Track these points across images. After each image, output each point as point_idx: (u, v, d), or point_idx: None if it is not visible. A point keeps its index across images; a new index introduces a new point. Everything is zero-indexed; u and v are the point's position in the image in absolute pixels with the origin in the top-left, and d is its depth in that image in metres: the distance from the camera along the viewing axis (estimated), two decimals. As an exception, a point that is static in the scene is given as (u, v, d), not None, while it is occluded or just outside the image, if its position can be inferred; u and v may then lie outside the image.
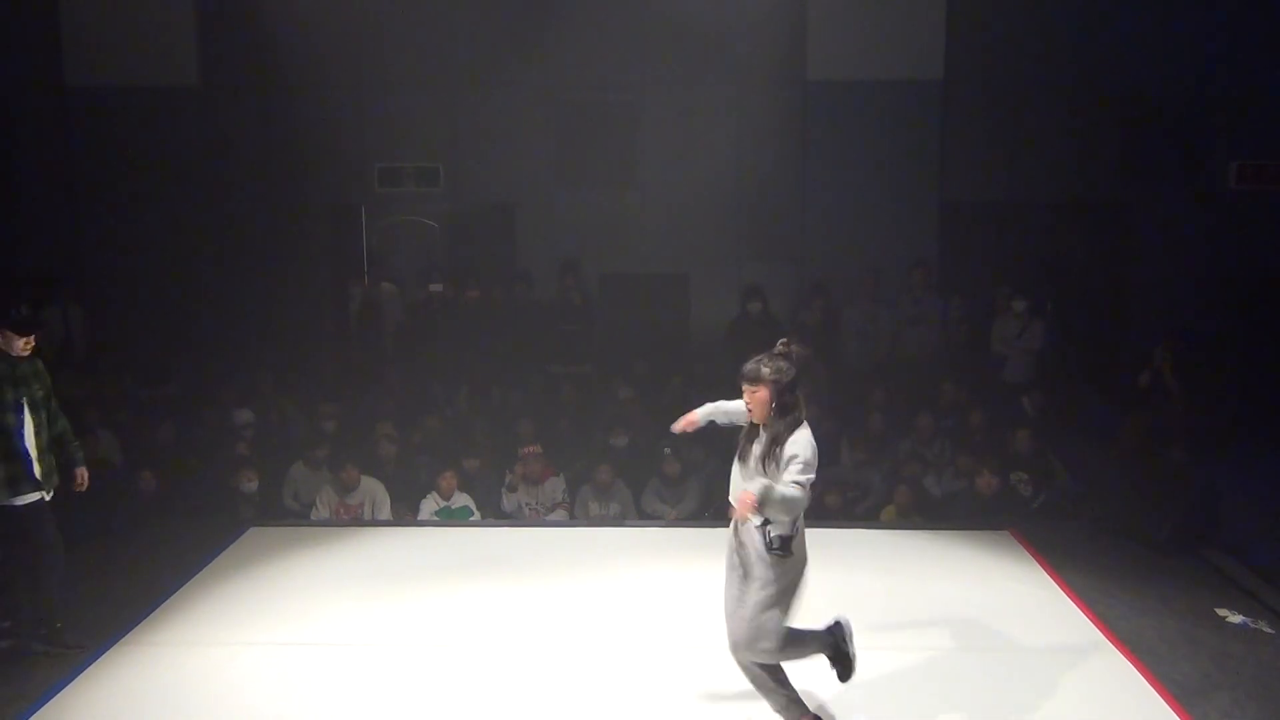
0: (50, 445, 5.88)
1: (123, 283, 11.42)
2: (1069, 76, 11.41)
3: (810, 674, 5.50)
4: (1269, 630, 6.14)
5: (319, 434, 9.19)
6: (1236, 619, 6.27)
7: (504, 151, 11.87)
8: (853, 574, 6.89)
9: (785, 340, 4.82)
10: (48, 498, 5.84)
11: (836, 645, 4.95)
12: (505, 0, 11.59)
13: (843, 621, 5.00)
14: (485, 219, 12.37)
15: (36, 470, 5.72)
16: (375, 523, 8.18)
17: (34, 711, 5.22)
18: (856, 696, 5.31)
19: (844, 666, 4.97)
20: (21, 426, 5.71)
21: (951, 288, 11.02)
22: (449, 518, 8.24)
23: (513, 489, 8.63)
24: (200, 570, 6.98)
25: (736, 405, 4.92)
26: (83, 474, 6.08)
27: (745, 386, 4.70)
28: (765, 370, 4.65)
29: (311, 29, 11.14)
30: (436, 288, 10.93)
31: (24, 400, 5.72)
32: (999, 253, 11.39)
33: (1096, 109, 11.47)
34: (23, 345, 5.72)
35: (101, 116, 11.49)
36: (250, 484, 8.49)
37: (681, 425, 5.16)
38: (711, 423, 5.16)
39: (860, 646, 5.80)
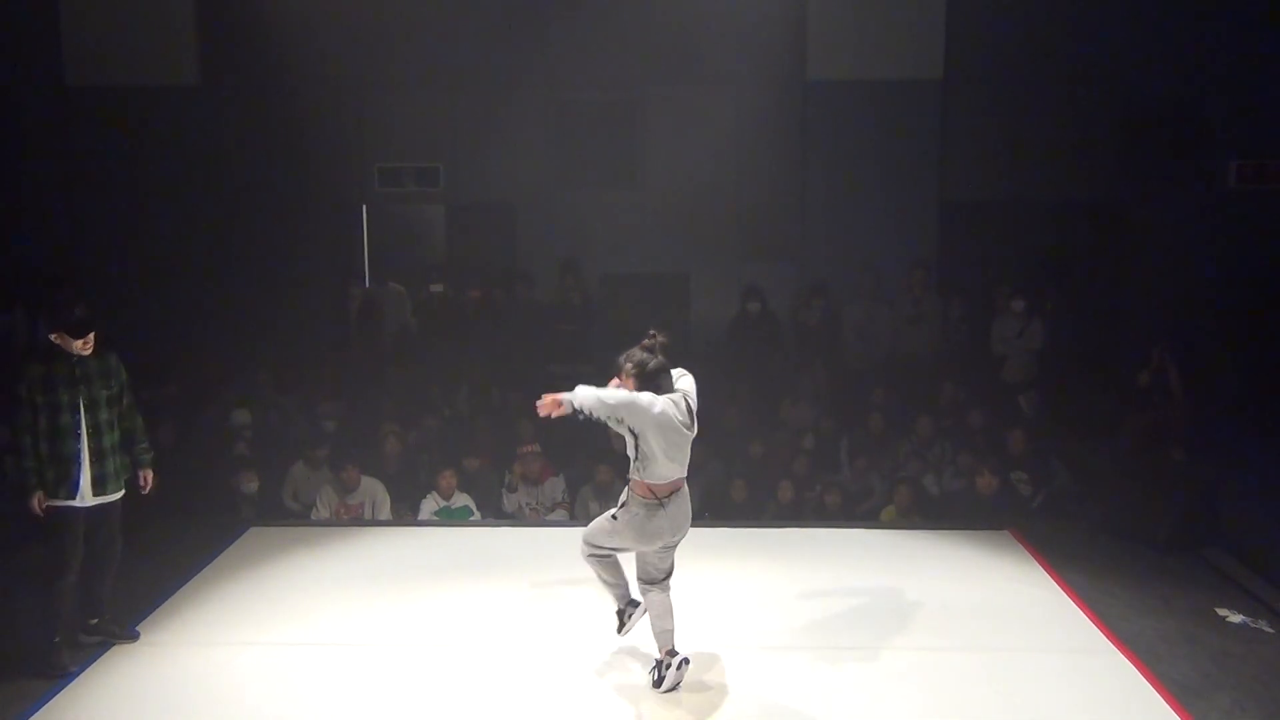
0: (115, 447, 5.82)
1: (123, 283, 11.41)
2: (1069, 76, 11.41)
3: (810, 675, 5.52)
4: (1269, 630, 6.14)
5: (319, 434, 9.19)
6: (1236, 619, 6.28)
7: (504, 151, 11.86)
8: (853, 574, 6.90)
9: (653, 333, 5.46)
10: (113, 498, 5.82)
11: (623, 611, 5.62)
12: (505, 1, 11.59)
13: (638, 604, 5.57)
14: (485, 219, 12.37)
15: (85, 476, 5.67)
16: (375, 523, 8.18)
17: (34, 711, 5.22)
18: (857, 696, 5.31)
19: (620, 624, 5.64)
20: (78, 428, 5.66)
21: (951, 288, 11.02)
22: (449, 518, 8.24)
23: (513, 489, 8.63)
24: (200, 570, 6.98)
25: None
26: (146, 476, 6.02)
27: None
28: (628, 365, 5.33)
29: (312, 29, 11.13)
30: (437, 288, 10.92)
31: (80, 401, 5.65)
32: (999, 253, 11.38)
33: (1096, 109, 11.47)
34: (80, 346, 5.64)
35: (102, 116, 11.48)
36: (250, 484, 8.49)
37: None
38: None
39: (860, 646, 5.84)
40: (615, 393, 5.23)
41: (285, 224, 11.94)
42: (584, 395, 5.20)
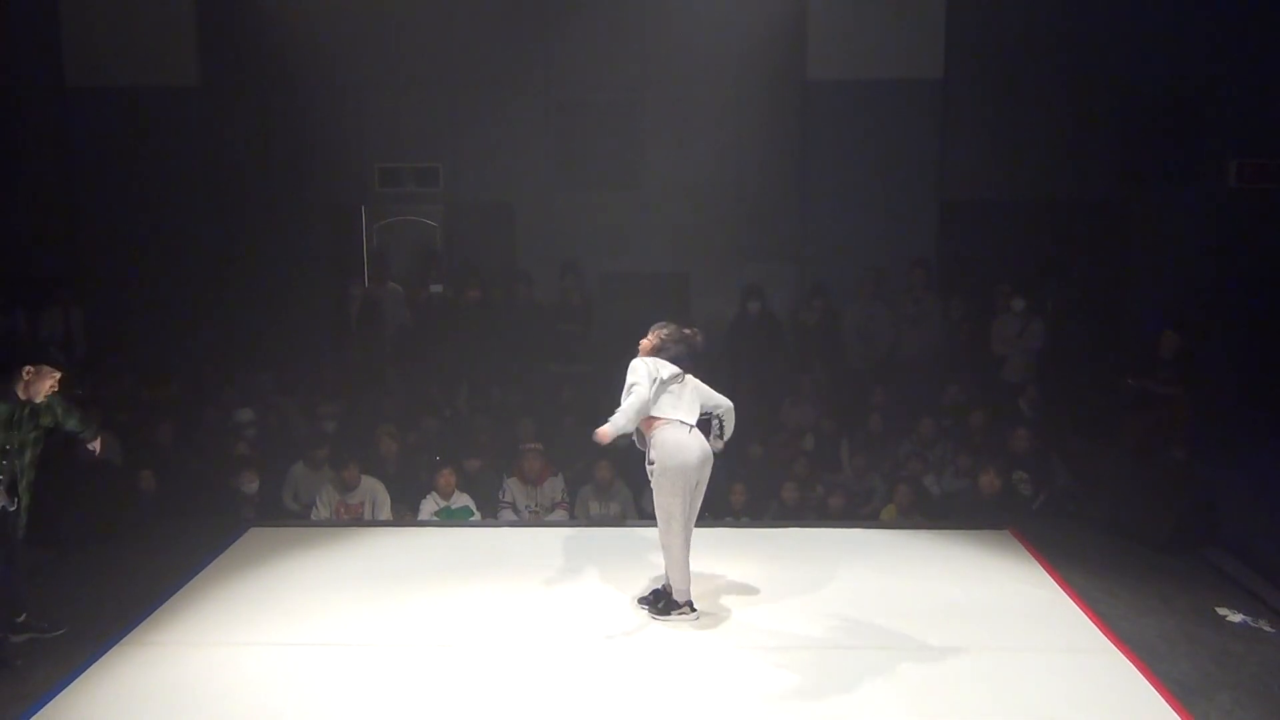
0: (27, 487, 5.75)
1: (123, 283, 11.42)
2: (1069, 76, 11.41)
3: (811, 675, 5.52)
4: (1269, 629, 6.14)
5: (319, 434, 9.19)
6: (1237, 618, 6.27)
7: (504, 151, 11.86)
8: (853, 574, 6.89)
9: (695, 330, 6.31)
10: (11, 508, 5.75)
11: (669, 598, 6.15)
12: (506, 1, 11.59)
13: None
14: (485, 219, 12.37)
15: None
16: (375, 523, 8.17)
17: (34, 712, 5.21)
18: (857, 696, 5.31)
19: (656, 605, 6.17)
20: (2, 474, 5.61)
21: (951, 288, 11.02)
22: (449, 518, 8.24)
23: (507, 500, 8.57)
24: (200, 570, 6.97)
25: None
26: (97, 445, 6.03)
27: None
28: (661, 332, 6.17)
29: (312, 30, 11.15)
30: (436, 288, 10.91)
31: (14, 445, 5.61)
32: (999, 253, 11.39)
33: (1096, 108, 11.47)
34: (50, 386, 5.65)
35: (101, 117, 11.50)
36: (250, 484, 8.48)
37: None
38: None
39: (860, 646, 5.84)
40: (627, 404, 5.86)
41: (285, 224, 11.96)
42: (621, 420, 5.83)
